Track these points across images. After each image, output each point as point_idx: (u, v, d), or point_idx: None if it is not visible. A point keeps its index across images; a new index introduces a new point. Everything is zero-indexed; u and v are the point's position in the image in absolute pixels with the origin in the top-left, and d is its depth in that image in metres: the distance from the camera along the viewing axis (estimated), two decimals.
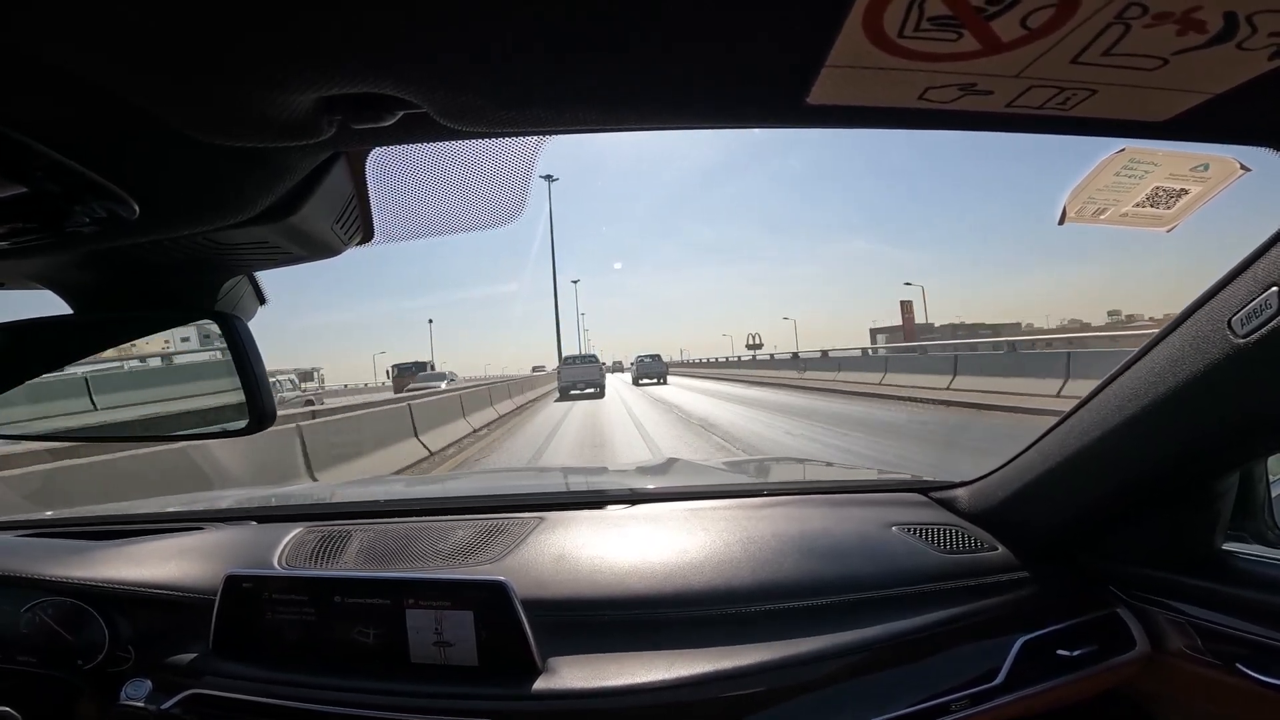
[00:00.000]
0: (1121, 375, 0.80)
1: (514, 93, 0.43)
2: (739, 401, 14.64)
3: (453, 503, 1.34)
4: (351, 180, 0.64)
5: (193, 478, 4.46)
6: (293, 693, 0.86)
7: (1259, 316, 0.61)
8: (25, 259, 0.64)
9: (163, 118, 0.43)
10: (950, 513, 1.10)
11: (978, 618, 0.90)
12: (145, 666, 0.95)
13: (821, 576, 0.93)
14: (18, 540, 1.26)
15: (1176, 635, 0.86)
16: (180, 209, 0.57)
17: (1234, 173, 0.65)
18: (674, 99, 0.45)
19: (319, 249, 0.70)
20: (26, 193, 0.46)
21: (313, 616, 0.91)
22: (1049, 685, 0.86)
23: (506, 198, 0.70)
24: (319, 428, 6.43)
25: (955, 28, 0.35)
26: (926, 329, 47.53)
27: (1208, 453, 0.77)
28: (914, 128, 0.47)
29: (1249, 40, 0.35)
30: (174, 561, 1.08)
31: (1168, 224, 0.72)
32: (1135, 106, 0.43)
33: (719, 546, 0.99)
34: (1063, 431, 0.90)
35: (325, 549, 1.06)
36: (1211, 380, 0.68)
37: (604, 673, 0.82)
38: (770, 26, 0.36)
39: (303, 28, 0.35)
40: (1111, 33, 0.35)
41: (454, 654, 0.86)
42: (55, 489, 3.66)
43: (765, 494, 1.22)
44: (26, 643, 0.99)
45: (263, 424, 0.75)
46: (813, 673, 0.83)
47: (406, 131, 0.48)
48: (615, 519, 1.13)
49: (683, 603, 0.90)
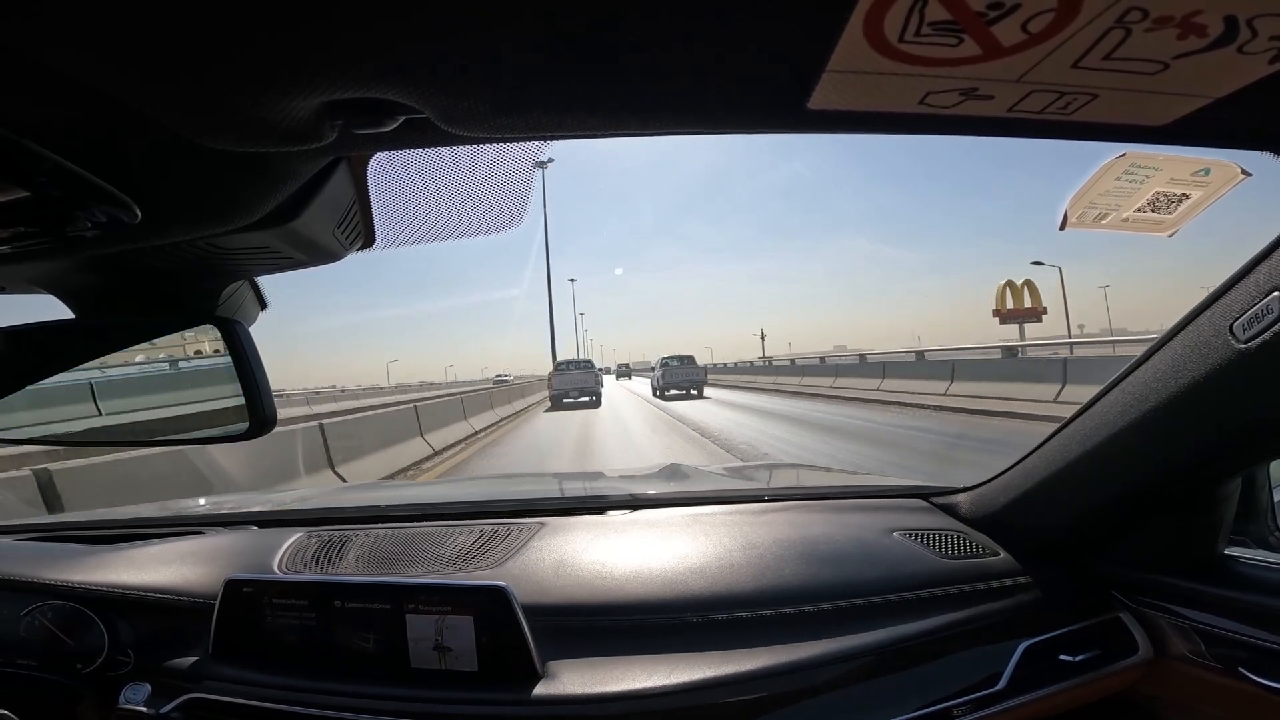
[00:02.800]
0: (1124, 380, 0.80)
1: (515, 98, 0.43)
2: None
3: (453, 508, 1.33)
4: (353, 185, 0.64)
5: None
6: (292, 697, 0.86)
7: (1261, 322, 0.61)
8: (27, 263, 0.65)
9: (165, 123, 0.43)
10: (952, 518, 1.10)
11: (980, 623, 0.90)
12: (144, 670, 0.95)
13: (823, 582, 0.93)
14: (18, 544, 1.26)
15: (1179, 640, 0.86)
16: (182, 214, 0.57)
17: (1235, 177, 0.66)
18: (675, 105, 0.45)
19: (320, 254, 0.70)
20: (29, 197, 0.46)
21: (313, 621, 0.91)
22: (1051, 690, 0.86)
23: (507, 203, 0.70)
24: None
25: (956, 33, 0.35)
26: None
27: (1210, 458, 0.77)
28: (915, 133, 0.48)
29: (1250, 44, 0.35)
30: (174, 566, 1.08)
31: (1168, 229, 0.72)
32: (1136, 111, 0.43)
33: (720, 552, 0.99)
34: (1065, 436, 0.90)
35: (325, 554, 1.06)
36: (1214, 385, 0.68)
37: (605, 678, 0.82)
38: (771, 32, 0.36)
39: (307, 33, 0.35)
40: (1112, 37, 0.35)
41: (454, 659, 0.85)
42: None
43: (766, 499, 1.21)
44: (26, 646, 0.99)
45: (263, 429, 0.74)
46: (815, 678, 0.83)
47: (408, 136, 0.48)
48: (616, 524, 1.13)
49: (684, 608, 0.90)
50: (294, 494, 1.90)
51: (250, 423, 0.74)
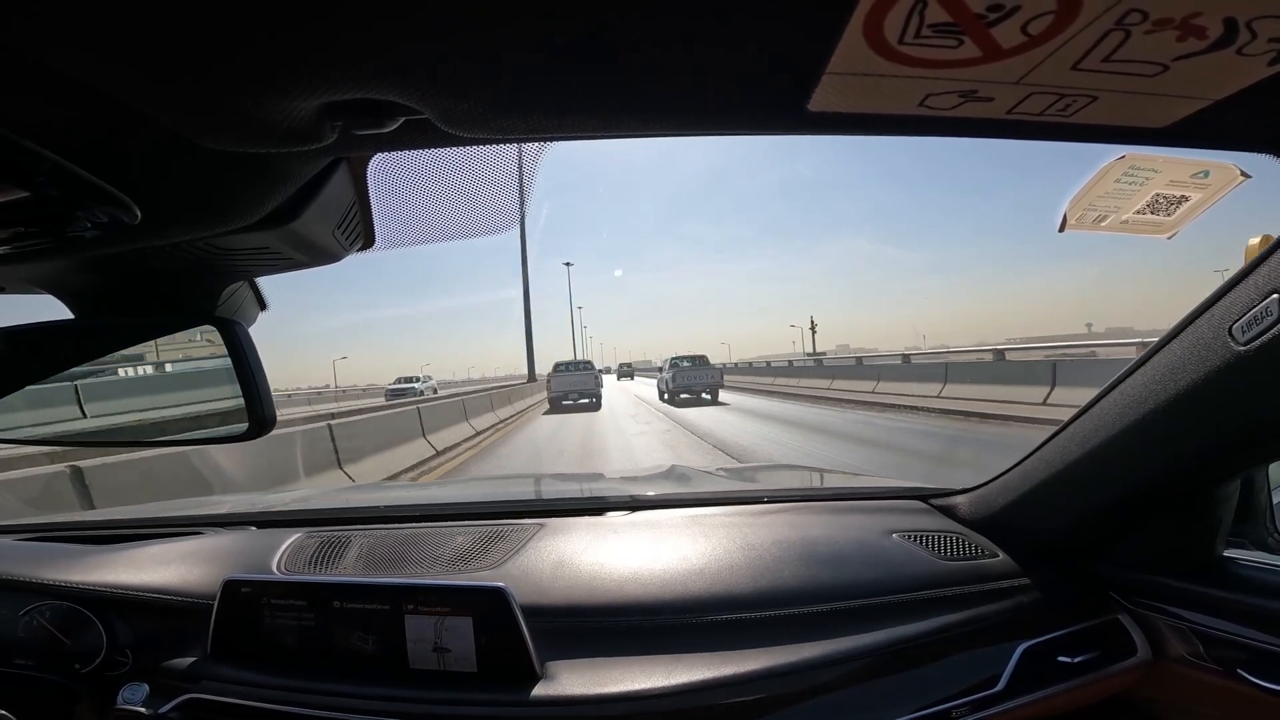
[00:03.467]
0: (1123, 382, 0.80)
1: (515, 99, 0.43)
2: None
3: (452, 509, 1.33)
4: (353, 186, 0.64)
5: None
6: (291, 698, 0.85)
7: (1260, 324, 0.61)
8: (27, 263, 0.65)
9: (165, 123, 0.43)
10: (950, 519, 1.10)
11: (979, 624, 0.90)
12: (143, 671, 0.94)
13: (822, 583, 0.93)
14: (16, 544, 1.26)
15: (1178, 641, 0.86)
16: (182, 214, 0.57)
17: (1234, 179, 0.66)
18: (675, 106, 0.45)
19: (320, 255, 0.70)
20: (29, 197, 0.46)
21: (311, 622, 0.90)
22: (1050, 692, 0.86)
23: (507, 204, 0.70)
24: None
25: (956, 34, 0.35)
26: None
27: (1209, 459, 0.77)
28: (915, 134, 0.48)
29: (1249, 46, 0.35)
30: (173, 566, 1.08)
31: (1168, 230, 0.72)
32: (1135, 112, 0.43)
33: (719, 553, 0.99)
34: (1064, 438, 0.90)
35: (324, 554, 1.06)
36: (1213, 387, 0.68)
37: (603, 679, 0.82)
38: (771, 34, 0.36)
39: (307, 34, 0.35)
40: (1112, 39, 0.35)
41: (453, 660, 0.85)
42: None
43: (766, 501, 1.21)
44: (24, 646, 0.99)
45: (262, 430, 0.74)
46: (813, 679, 0.83)
47: (408, 137, 0.48)
48: (615, 525, 1.13)
49: (683, 609, 0.90)
50: (293, 495, 1.90)
51: (249, 423, 0.74)
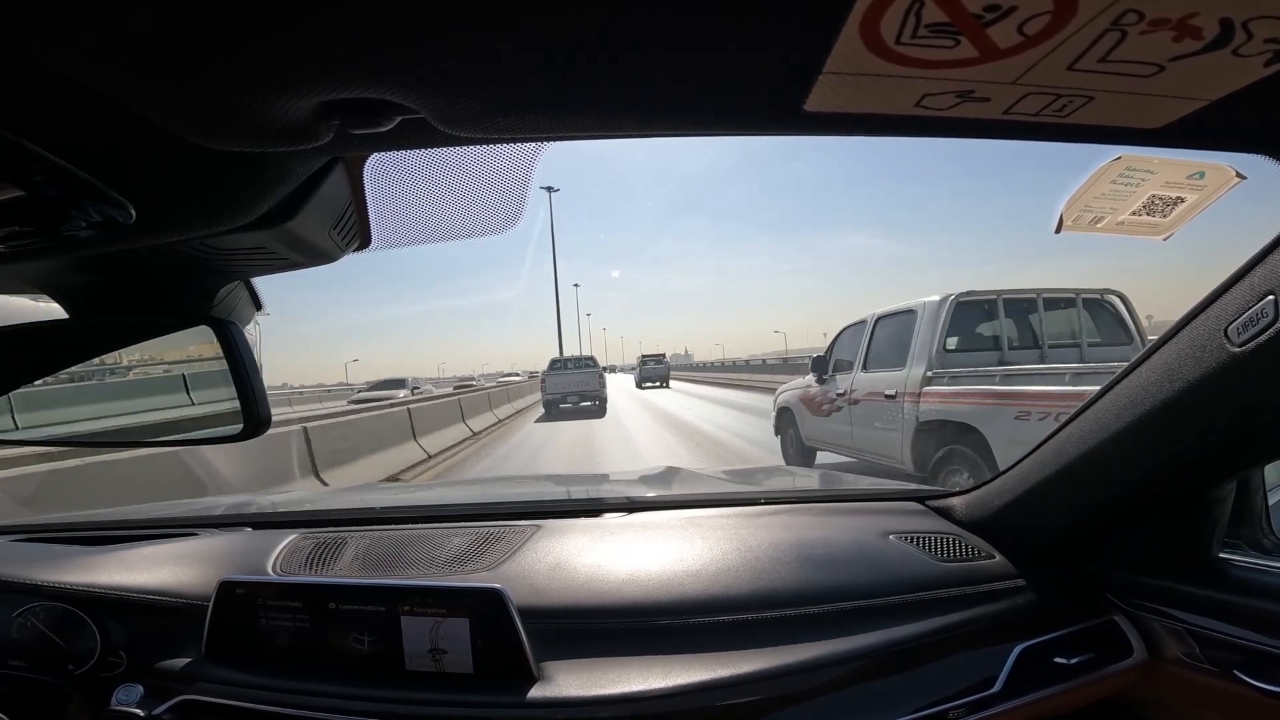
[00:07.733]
0: (1119, 383, 0.80)
1: (512, 99, 0.43)
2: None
3: (449, 510, 1.33)
4: (349, 186, 0.64)
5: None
6: (286, 699, 0.85)
7: (1255, 325, 0.61)
8: (21, 263, 0.64)
9: (161, 123, 0.43)
10: (947, 521, 1.10)
11: (975, 625, 0.90)
12: (137, 672, 0.94)
13: (819, 585, 0.93)
14: (10, 544, 1.25)
15: (1174, 642, 0.86)
16: (177, 214, 0.57)
17: (1230, 180, 0.66)
18: (672, 106, 0.45)
19: (316, 255, 0.70)
20: (23, 196, 0.46)
21: (307, 623, 0.90)
22: (1047, 693, 0.86)
23: (504, 204, 0.70)
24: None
25: (952, 34, 0.35)
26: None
27: (1205, 461, 0.77)
28: (911, 134, 0.48)
29: (1245, 46, 0.35)
30: (167, 567, 1.07)
31: (1164, 232, 0.72)
32: (1132, 113, 0.43)
33: (716, 554, 0.99)
34: (1060, 440, 0.90)
35: (320, 556, 1.05)
36: (1208, 388, 0.68)
37: (600, 681, 0.82)
38: (768, 34, 0.36)
39: (304, 33, 0.35)
40: (1108, 39, 0.35)
41: (449, 661, 0.85)
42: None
43: (763, 503, 1.21)
44: (17, 647, 0.98)
45: (257, 430, 0.74)
46: (811, 681, 0.83)
47: (405, 137, 0.48)
48: (612, 527, 1.13)
49: (680, 611, 0.90)
50: (288, 495, 1.89)
51: (244, 424, 0.74)
